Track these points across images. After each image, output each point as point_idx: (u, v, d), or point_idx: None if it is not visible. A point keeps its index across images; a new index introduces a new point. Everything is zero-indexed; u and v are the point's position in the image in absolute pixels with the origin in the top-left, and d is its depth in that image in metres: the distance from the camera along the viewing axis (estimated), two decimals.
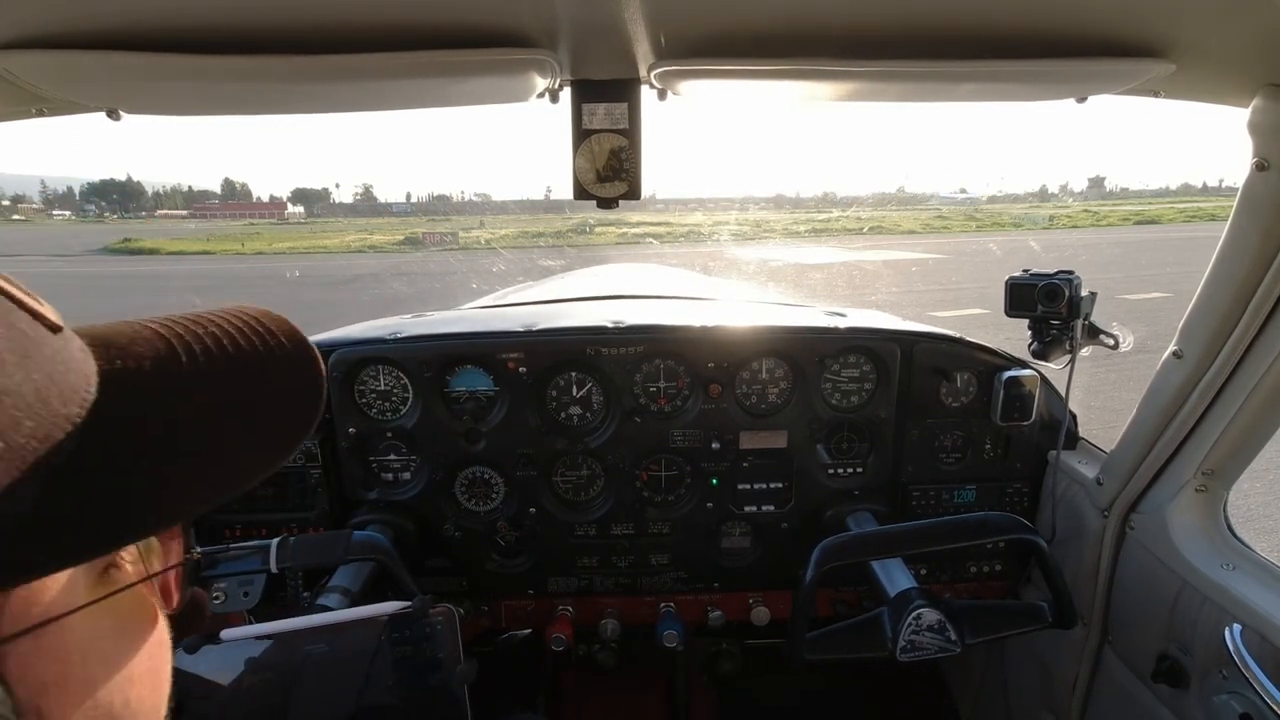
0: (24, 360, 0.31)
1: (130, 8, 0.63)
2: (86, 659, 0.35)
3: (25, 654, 0.31)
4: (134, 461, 0.34)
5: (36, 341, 0.32)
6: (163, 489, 0.35)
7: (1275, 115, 0.82)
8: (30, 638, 0.31)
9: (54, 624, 0.32)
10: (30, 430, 0.30)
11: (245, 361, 0.40)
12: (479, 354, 1.43)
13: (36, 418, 0.30)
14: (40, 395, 0.31)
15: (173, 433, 0.36)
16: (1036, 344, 1.37)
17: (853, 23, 0.72)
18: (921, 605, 1.12)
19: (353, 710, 1.01)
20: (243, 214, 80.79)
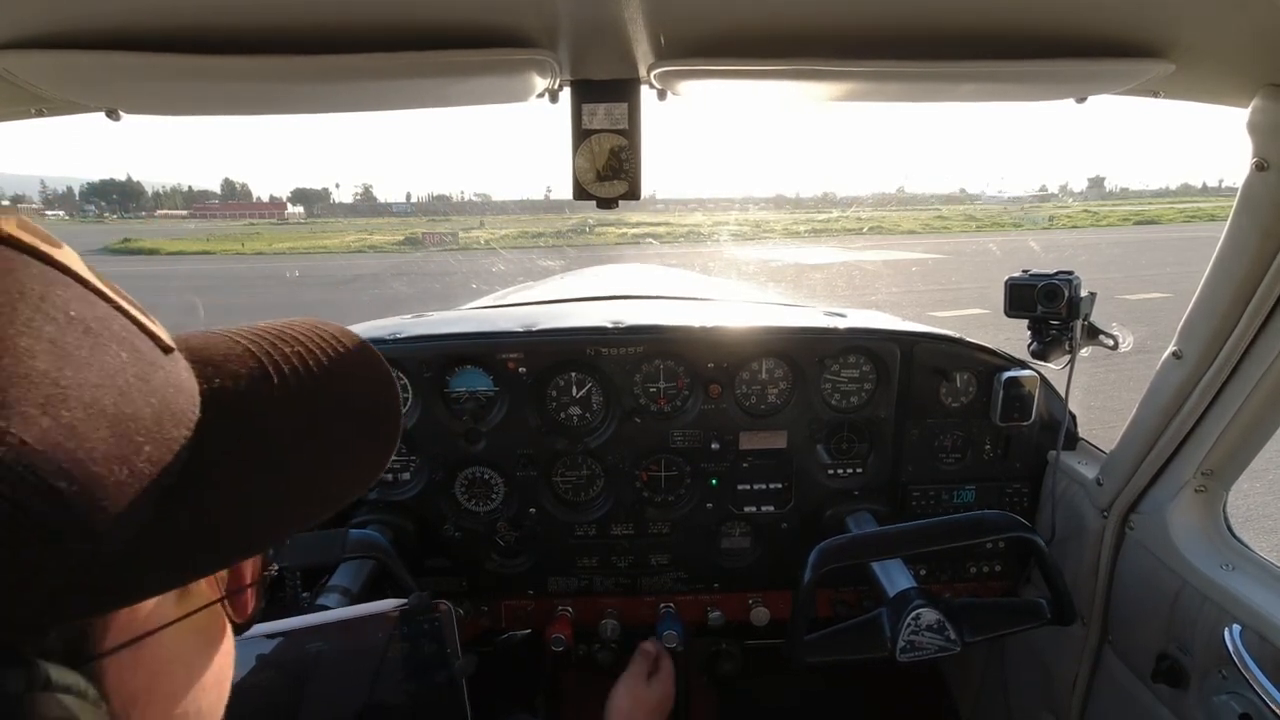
0: (144, 384, 0.31)
1: (130, 8, 0.63)
2: (172, 669, 0.36)
3: (123, 666, 0.32)
4: (236, 484, 0.35)
5: (153, 364, 0.33)
6: (260, 510, 0.36)
7: (1275, 115, 0.83)
8: (129, 650, 0.32)
9: (150, 637, 0.33)
10: (148, 454, 0.30)
11: (330, 383, 0.41)
12: (479, 354, 1.43)
13: (154, 441, 0.31)
14: (157, 419, 0.31)
15: (270, 455, 0.37)
16: (1036, 344, 1.37)
17: (853, 23, 0.72)
18: (920, 605, 1.13)
19: (357, 708, 1.02)
20: (243, 214, 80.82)
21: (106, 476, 0.28)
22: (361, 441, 0.42)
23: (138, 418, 0.30)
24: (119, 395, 0.30)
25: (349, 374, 0.42)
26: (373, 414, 0.43)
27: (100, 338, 0.30)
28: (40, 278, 0.30)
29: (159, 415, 0.31)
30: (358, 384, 0.43)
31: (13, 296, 0.28)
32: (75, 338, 0.29)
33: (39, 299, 0.29)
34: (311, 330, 0.44)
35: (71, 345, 0.29)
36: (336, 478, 0.40)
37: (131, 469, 0.29)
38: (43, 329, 0.28)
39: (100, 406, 0.29)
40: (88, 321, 0.30)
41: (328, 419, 0.40)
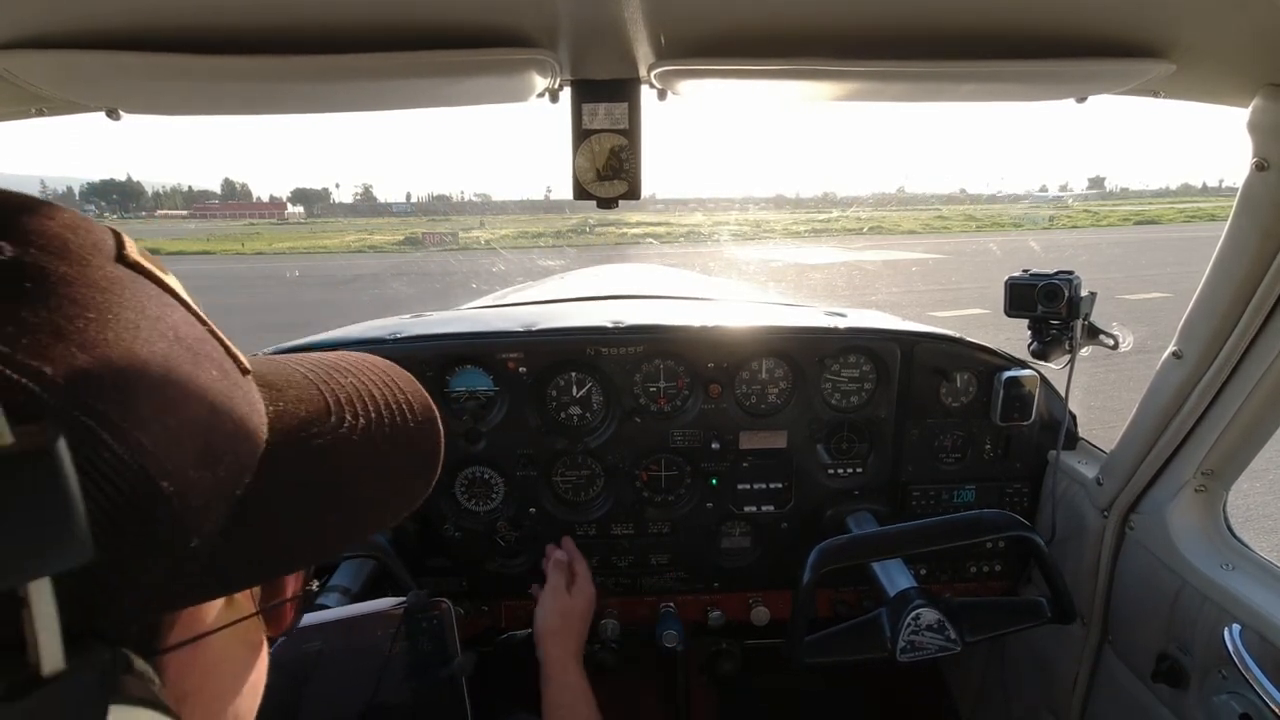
0: (229, 401, 0.35)
1: (130, 8, 0.63)
2: (220, 672, 0.39)
3: (181, 663, 0.34)
4: (291, 501, 0.38)
5: (236, 385, 0.37)
6: (312, 529, 0.39)
7: (1275, 115, 0.83)
8: (187, 649, 0.35)
9: (205, 639, 0.36)
10: (228, 465, 0.34)
11: (380, 415, 0.44)
12: (479, 354, 1.43)
13: (232, 454, 0.34)
14: (236, 434, 0.35)
15: (324, 477, 0.40)
16: (1036, 344, 1.37)
17: (853, 23, 0.72)
18: (920, 605, 1.13)
19: (356, 706, 1.02)
20: (243, 214, 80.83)
21: (197, 482, 0.31)
22: (408, 469, 0.46)
23: (223, 431, 0.34)
24: (211, 410, 0.33)
25: (398, 405, 0.46)
26: (419, 444, 0.46)
27: (199, 356, 0.34)
28: (157, 300, 0.34)
29: (237, 431, 0.35)
30: (406, 416, 0.46)
31: (137, 315, 0.32)
32: (180, 354, 0.33)
33: (155, 319, 0.33)
34: (361, 363, 0.48)
35: (177, 361, 0.32)
36: (383, 502, 0.44)
37: (215, 477, 0.33)
38: (156, 345, 0.31)
39: (198, 418, 0.32)
40: (189, 341, 0.34)
41: (378, 446, 0.43)
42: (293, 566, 0.41)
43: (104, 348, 0.29)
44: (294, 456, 0.38)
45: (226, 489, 0.33)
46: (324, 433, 0.41)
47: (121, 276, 0.33)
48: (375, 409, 0.44)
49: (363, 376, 0.46)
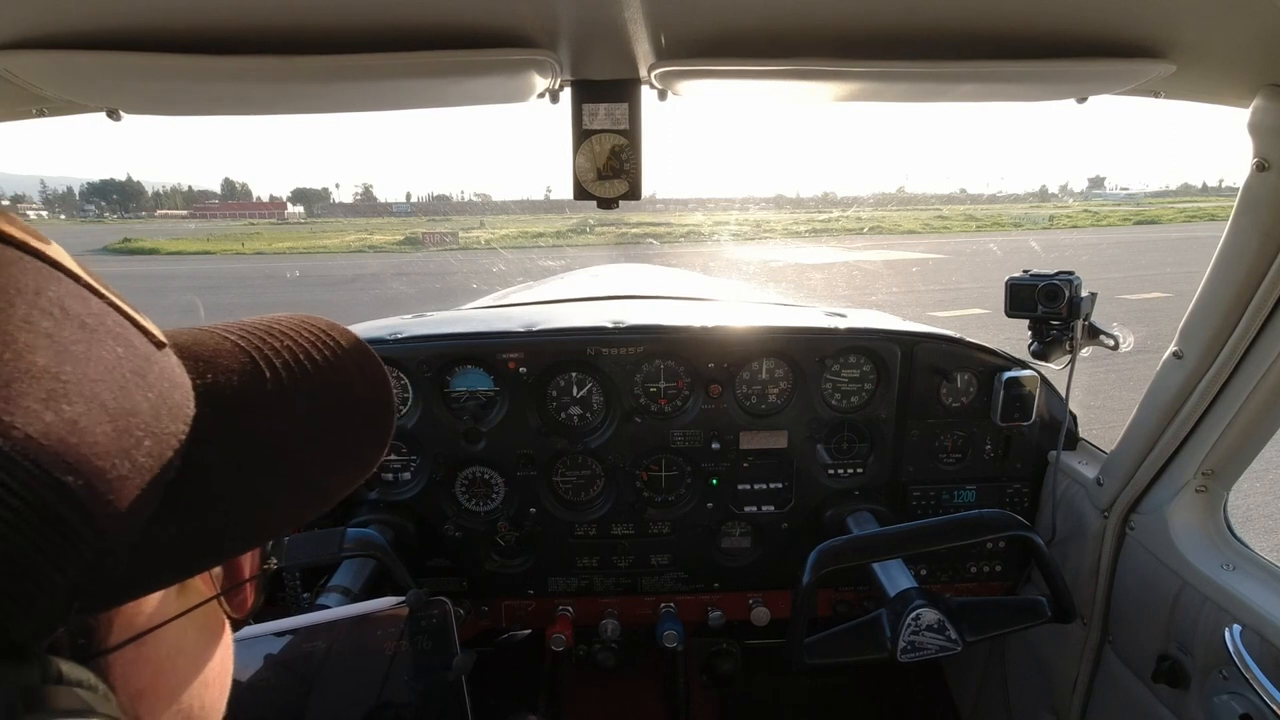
0: (140, 379, 0.31)
1: (130, 8, 0.63)
2: (176, 665, 0.36)
3: (127, 662, 0.32)
4: (232, 478, 0.35)
5: (148, 359, 0.33)
6: (258, 506, 0.36)
7: (1275, 115, 0.83)
8: (132, 646, 0.32)
9: (152, 633, 0.34)
10: (149, 449, 0.30)
11: (322, 378, 0.41)
12: (479, 354, 1.43)
13: (153, 436, 0.31)
14: (155, 413, 0.31)
15: (267, 449, 0.37)
16: (1036, 344, 1.37)
17: (853, 23, 0.72)
18: (920, 605, 1.12)
19: (357, 706, 1.02)
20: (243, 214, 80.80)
21: (109, 470, 0.28)
22: (357, 434, 0.42)
23: (137, 412, 0.30)
24: (118, 390, 0.30)
25: (341, 367, 0.42)
26: (367, 406, 0.43)
27: (95, 333, 0.30)
28: (35, 273, 0.29)
29: (157, 410, 0.31)
30: (351, 376, 0.42)
31: (9, 292, 0.28)
32: (72, 333, 0.29)
33: (34, 294, 0.28)
34: (300, 325, 0.43)
35: (69, 340, 0.29)
36: (333, 470, 0.40)
37: (133, 463, 0.29)
38: (40, 324, 0.28)
39: (100, 401, 0.28)
40: (83, 317, 0.30)
41: (323, 412, 0.40)
42: (239, 548, 0.38)
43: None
44: (227, 431, 0.35)
45: (149, 474, 0.30)
46: (261, 401, 0.38)
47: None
48: (316, 371, 0.40)
49: (300, 338, 0.42)
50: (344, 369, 0.42)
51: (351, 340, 0.44)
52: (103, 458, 0.28)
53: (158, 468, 0.31)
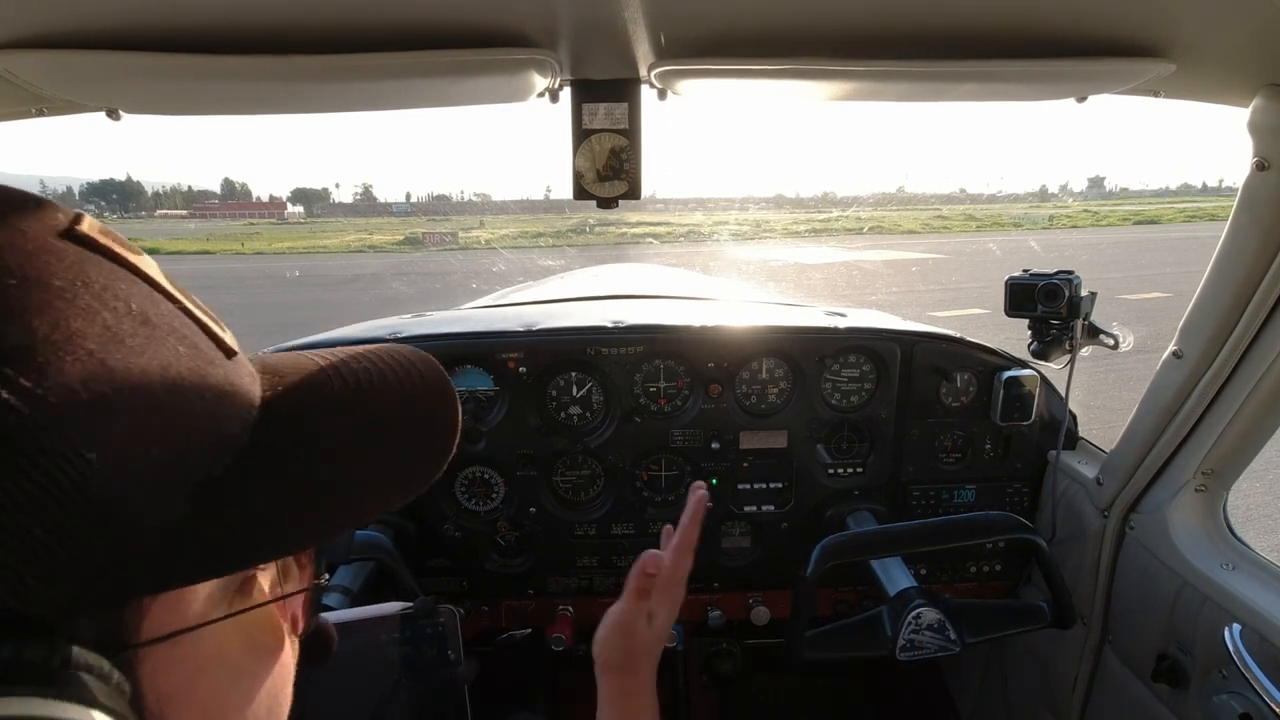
0: (199, 379, 0.32)
1: (130, 8, 0.63)
2: (213, 673, 0.35)
3: (159, 661, 0.31)
4: (282, 482, 0.35)
5: (211, 363, 0.34)
6: (306, 510, 0.36)
7: (1275, 115, 0.82)
8: (165, 646, 0.31)
9: (189, 634, 0.33)
10: (197, 444, 0.31)
11: (390, 391, 0.41)
12: (479, 354, 1.43)
13: (202, 432, 0.31)
14: (209, 414, 0.32)
15: (320, 457, 0.37)
16: (1036, 344, 1.37)
17: (853, 23, 0.72)
18: (921, 604, 1.12)
19: (358, 709, 1.01)
20: (242, 214, 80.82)
21: (143, 457, 0.28)
22: (417, 451, 0.42)
23: (188, 410, 0.31)
24: (170, 385, 0.30)
25: (409, 384, 0.42)
26: (428, 424, 0.43)
27: (159, 330, 0.31)
28: (107, 273, 0.30)
29: (212, 410, 0.32)
30: (416, 393, 0.42)
31: (75, 284, 0.28)
32: (131, 326, 0.29)
33: (100, 289, 0.29)
34: (386, 350, 0.44)
35: (126, 333, 0.29)
36: (384, 486, 0.40)
37: (176, 455, 0.30)
38: (99, 314, 0.28)
39: (148, 391, 0.29)
40: (148, 314, 0.31)
41: (381, 425, 0.40)
42: (275, 553, 0.37)
43: (24, 313, 0.26)
44: (284, 434, 0.36)
45: (193, 470, 0.31)
46: (321, 411, 0.38)
47: (63, 249, 0.29)
48: (384, 386, 0.41)
49: (378, 360, 0.42)
50: (412, 385, 0.42)
51: (425, 362, 0.44)
52: (139, 444, 0.28)
53: (201, 463, 0.31)
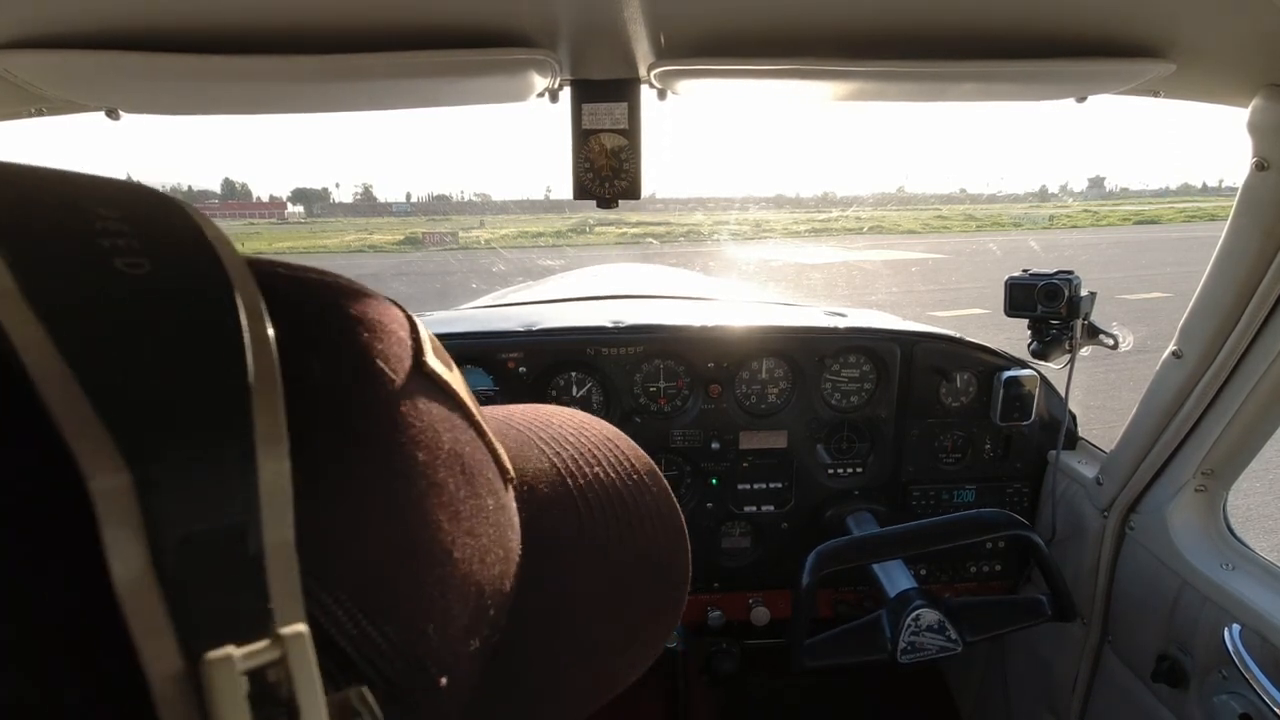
0: (497, 533, 0.27)
1: (130, 8, 0.63)
2: None
3: None
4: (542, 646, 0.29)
5: (503, 507, 0.28)
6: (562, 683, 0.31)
7: (1275, 115, 0.83)
8: None
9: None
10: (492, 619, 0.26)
11: (629, 530, 0.33)
12: (479, 354, 1.43)
13: (495, 602, 0.26)
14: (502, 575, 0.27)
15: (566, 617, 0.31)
16: (1036, 344, 1.37)
17: (853, 23, 0.72)
18: (920, 606, 1.12)
19: None
20: (242, 214, 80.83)
21: (461, 659, 0.24)
22: (656, 609, 0.34)
23: (489, 579, 0.26)
24: (480, 558, 0.25)
25: (646, 517, 0.34)
26: (670, 567, 0.34)
27: (475, 485, 0.26)
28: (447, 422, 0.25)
29: (504, 570, 0.27)
30: (654, 525, 0.34)
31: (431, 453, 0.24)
32: (463, 490, 0.25)
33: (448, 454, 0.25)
34: (606, 444, 0.35)
35: (466, 513, 0.25)
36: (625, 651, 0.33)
37: (481, 640, 0.25)
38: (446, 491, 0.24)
39: (474, 579, 0.25)
40: (470, 466, 0.26)
41: (624, 574, 0.33)
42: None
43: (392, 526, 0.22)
44: (538, 581, 0.29)
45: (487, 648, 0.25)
46: (570, 551, 0.31)
47: (416, 396, 0.24)
48: (625, 517, 0.33)
49: (610, 466, 0.34)
50: (648, 521, 0.34)
51: (655, 479, 0.35)
52: (461, 644, 0.24)
53: (492, 640, 0.26)
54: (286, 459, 0.18)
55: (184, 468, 0.17)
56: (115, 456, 0.16)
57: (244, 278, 0.20)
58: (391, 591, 0.21)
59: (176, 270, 0.19)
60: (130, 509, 0.16)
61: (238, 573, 0.17)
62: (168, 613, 0.16)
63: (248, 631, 0.17)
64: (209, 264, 0.19)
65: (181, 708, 0.16)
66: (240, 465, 0.17)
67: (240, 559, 0.17)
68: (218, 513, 0.17)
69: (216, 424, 0.17)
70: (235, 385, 0.18)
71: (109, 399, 0.16)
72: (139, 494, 0.16)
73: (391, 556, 0.22)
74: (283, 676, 0.17)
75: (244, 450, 0.18)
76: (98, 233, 0.18)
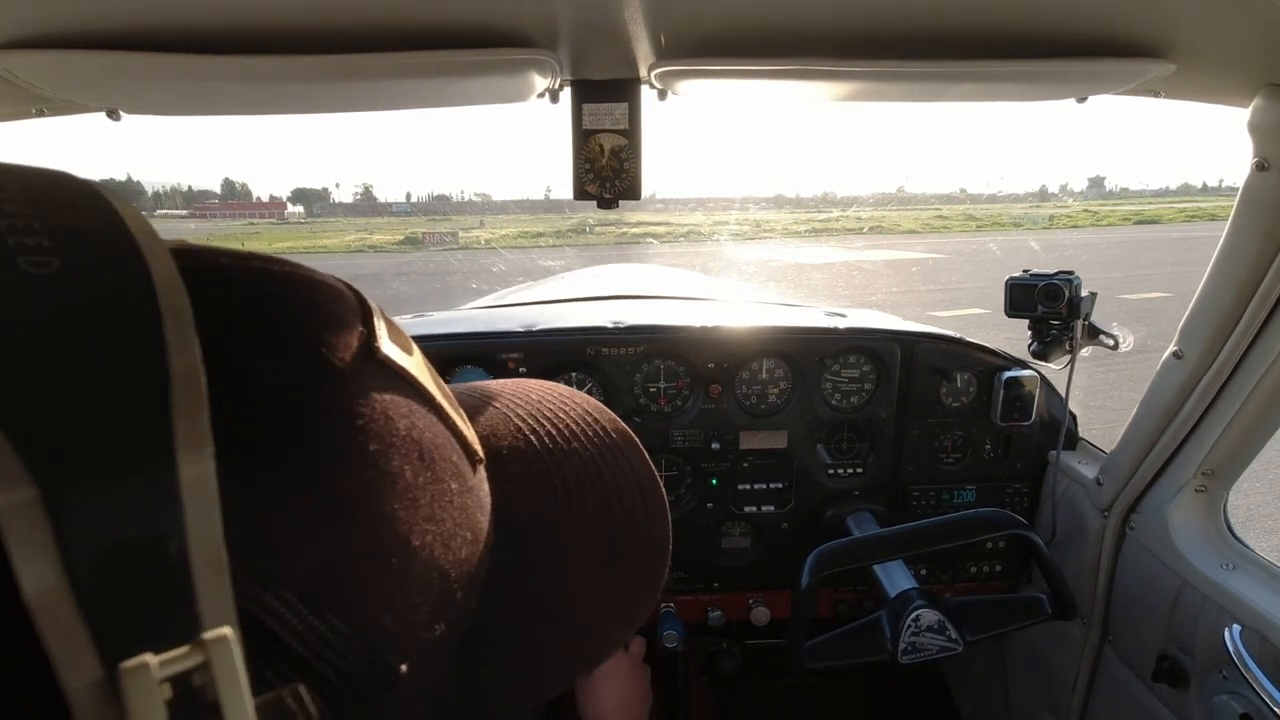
0: (464, 517, 0.26)
1: (130, 8, 0.63)
2: None
3: None
4: (514, 625, 0.29)
5: (470, 489, 0.27)
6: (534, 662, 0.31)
7: (1275, 115, 0.82)
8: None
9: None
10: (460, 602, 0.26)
11: (608, 497, 0.33)
12: (479, 354, 1.43)
13: (463, 584, 0.26)
14: (468, 558, 0.26)
15: (547, 589, 0.31)
16: (1036, 344, 1.37)
17: (853, 23, 0.72)
18: (920, 606, 1.12)
19: None
20: (243, 214, 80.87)
21: (426, 646, 0.24)
22: (636, 581, 0.34)
23: (454, 563, 0.25)
24: (444, 543, 0.25)
25: (624, 486, 0.34)
26: (650, 542, 0.35)
27: (436, 470, 0.25)
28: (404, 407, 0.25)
29: (471, 553, 0.26)
30: (633, 500, 0.34)
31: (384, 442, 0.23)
32: (421, 478, 0.24)
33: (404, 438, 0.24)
34: (586, 420, 0.35)
35: (425, 500, 0.24)
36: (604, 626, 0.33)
37: (447, 623, 0.25)
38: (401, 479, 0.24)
39: (434, 564, 0.24)
40: (430, 452, 0.25)
41: (611, 549, 0.33)
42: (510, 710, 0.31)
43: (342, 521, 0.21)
44: (514, 562, 0.29)
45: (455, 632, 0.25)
46: (549, 525, 0.31)
47: (367, 384, 0.24)
48: (602, 488, 0.32)
49: (585, 437, 0.33)
50: (627, 495, 0.34)
51: (633, 447, 0.35)
52: (425, 629, 0.24)
53: (461, 623, 0.26)
54: (210, 461, 0.18)
55: (94, 479, 0.16)
56: (20, 472, 0.15)
57: (167, 273, 0.19)
58: (342, 586, 0.21)
59: (88, 268, 0.18)
60: (38, 524, 0.15)
61: (159, 580, 0.17)
62: (84, 625, 0.16)
63: (171, 638, 0.17)
64: (127, 259, 0.19)
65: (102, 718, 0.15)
66: (157, 472, 0.17)
67: (161, 566, 0.17)
68: (134, 521, 0.16)
69: (128, 432, 0.17)
70: (151, 389, 0.17)
71: (11, 412, 0.15)
72: (46, 508, 0.15)
73: (341, 551, 0.21)
74: (207, 681, 0.17)
75: (161, 456, 0.17)
76: (3, 231, 0.17)
